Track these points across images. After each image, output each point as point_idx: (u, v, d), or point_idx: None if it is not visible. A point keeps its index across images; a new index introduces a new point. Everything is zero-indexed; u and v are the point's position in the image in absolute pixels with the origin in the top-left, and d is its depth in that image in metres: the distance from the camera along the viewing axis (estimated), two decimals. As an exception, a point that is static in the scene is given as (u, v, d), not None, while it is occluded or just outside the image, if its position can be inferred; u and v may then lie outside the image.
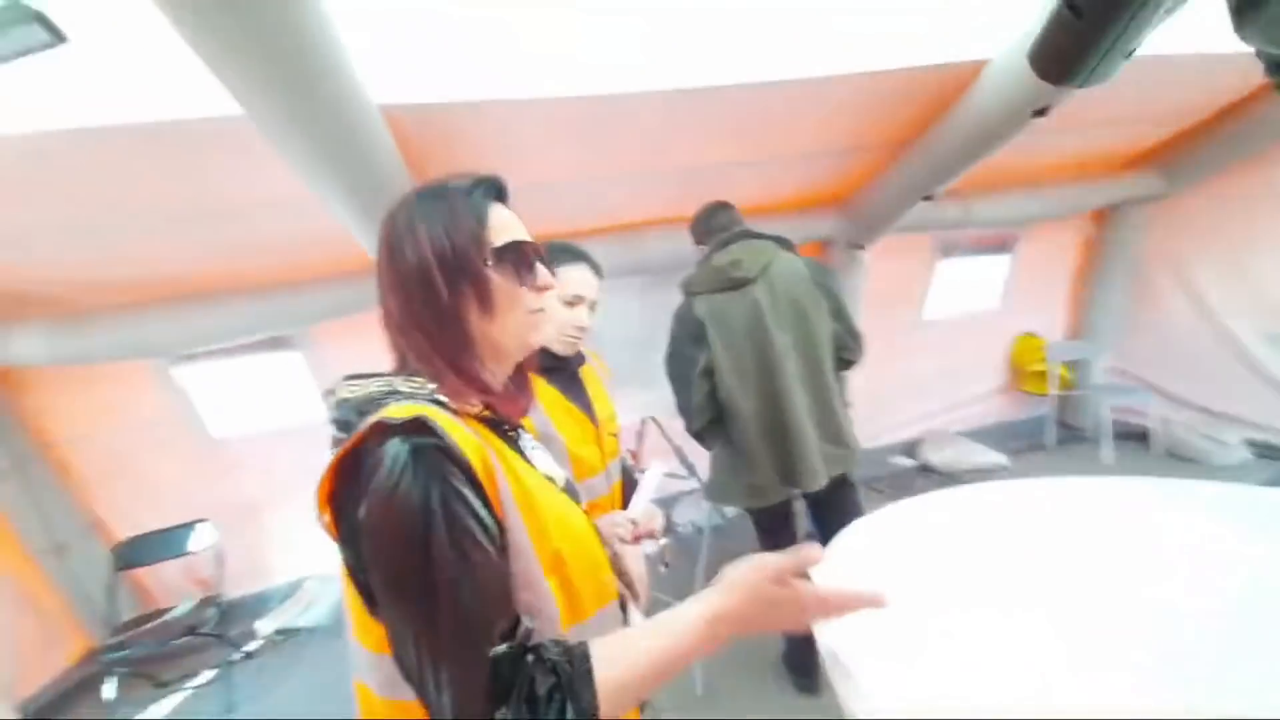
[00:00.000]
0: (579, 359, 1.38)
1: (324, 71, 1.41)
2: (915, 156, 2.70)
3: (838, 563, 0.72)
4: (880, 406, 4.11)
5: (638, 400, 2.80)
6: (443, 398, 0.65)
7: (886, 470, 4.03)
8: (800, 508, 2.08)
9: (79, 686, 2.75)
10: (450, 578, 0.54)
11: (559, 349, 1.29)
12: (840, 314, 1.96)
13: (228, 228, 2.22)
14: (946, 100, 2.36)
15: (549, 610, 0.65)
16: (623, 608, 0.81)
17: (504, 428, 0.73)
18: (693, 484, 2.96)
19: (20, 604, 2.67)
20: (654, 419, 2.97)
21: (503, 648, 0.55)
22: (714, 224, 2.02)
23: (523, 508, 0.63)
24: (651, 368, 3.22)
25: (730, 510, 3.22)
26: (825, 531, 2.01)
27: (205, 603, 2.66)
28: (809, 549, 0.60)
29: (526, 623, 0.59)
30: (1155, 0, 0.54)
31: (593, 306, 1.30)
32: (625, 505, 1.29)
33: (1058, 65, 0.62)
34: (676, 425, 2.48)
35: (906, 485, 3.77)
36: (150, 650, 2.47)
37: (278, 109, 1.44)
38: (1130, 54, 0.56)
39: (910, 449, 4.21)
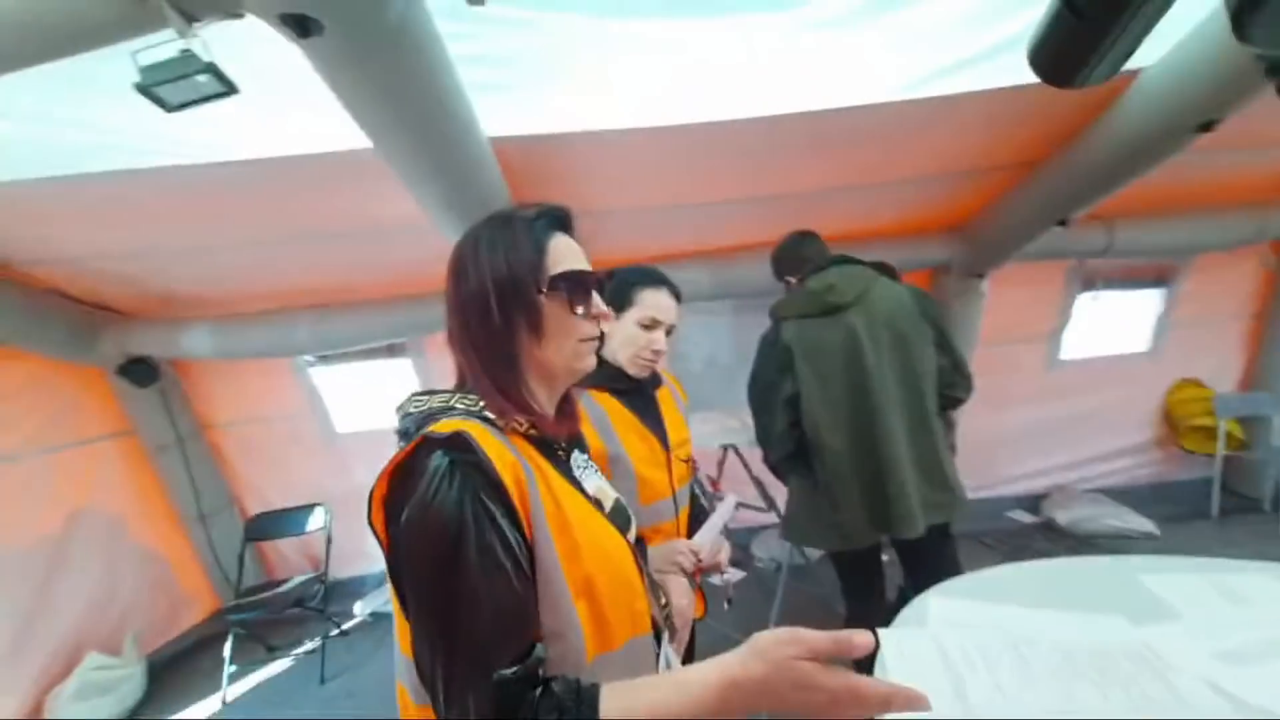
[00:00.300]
0: (655, 381, 1.36)
1: (444, 112, 1.54)
2: (1049, 176, 2.45)
3: (926, 623, 0.63)
4: (998, 453, 3.71)
5: (721, 427, 2.73)
6: (491, 415, 0.67)
7: (1001, 525, 3.61)
8: (890, 554, 1.90)
9: (202, 643, 3.14)
10: (469, 592, 0.56)
11: (633, 371, 1.28)
12: (946, 347, 1.80)
13: (358, 246, 2.48)
14: (1088, 114, 2.12)
15: (573, 636, 0.63)
16: (657, 639, 0.77)
17: (553, 447, 0.74)
18: (772, 517, 2.82)
19: (165, 563, 3.10)
20: (734, 447, 2.88)
21: (510, 672, 0.55)
22: (804, 253, 1.92)
23: (555, 529, 0.63)
24: (738, 394, 3.15)
25: (814, 550, 3.03)
26: (918, 585, 1.81)
27: (314, 580, 2.93)
28: (859, 635, 0.52)
29: (539, 652, 0.58)
30: (1156, 0, 0.48)
31: (670, 331, 1.28)
32: (692, 534, 1.25)
33: (1057, 66, 0.57)
34: (757, 455, 2.39)
35: (1024, 544, 3.34)
36: (264, 617, 2.74)
37: (403, 145, 1.60)
38: (1130, 54, 0.52)
39: (1032, 504, 3.75)
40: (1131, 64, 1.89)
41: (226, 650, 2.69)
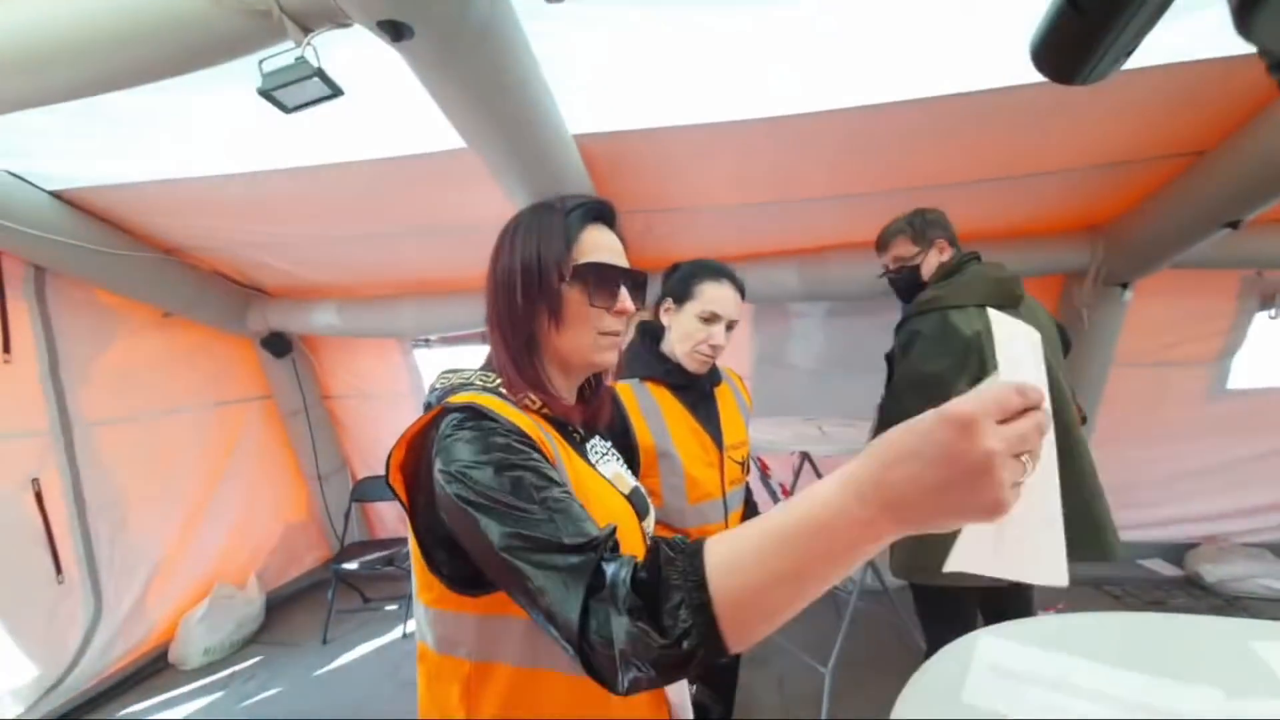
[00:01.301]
0: (714, 377, 1.33)
1: (530, 110, 1.60)
2: (1216, 169, 2.08)
3: (968, 668, 0.55)
4: (1136, 492, 3.21)
5: (796, 433, 2.60)
6: (505, 391, 0.70)
7: (1133, 574, 3.13)
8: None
9: (313, 586, 3.56)
10: (535, 502, 0.54)
11: (691, 365, 1.26)
12: (1067, 371, 1.58)
13: (459, 241, 2.65)
14: (1266, 94, 1.77)
15: None
16: None
17: (568, 429, 0.75)
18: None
19: (288, 515, 3.52)
20: (807, 454, 2.72)
21: (601, 542, 0.51)
22: (949, 228, 1.67)
23: (576, 492, 0.63)
24: (821, 401, 3.00)
25: (889, 579, 2.80)
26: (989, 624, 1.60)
27: (403, 541, 3.19)
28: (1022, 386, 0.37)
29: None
30: None
31: (731, 326, 1.24)
32: None
33: (1058, 62, 0.50)
34: (832, 465, 2.26)
35: (1159, 600, 2.87)
36: (362, 571, 3.03)
37: (493, 143, 1.68)
38: (1131, 52, 0.46)
39: (1176, 554, 3.21)
40: None
41: (330, 595, 3.01)
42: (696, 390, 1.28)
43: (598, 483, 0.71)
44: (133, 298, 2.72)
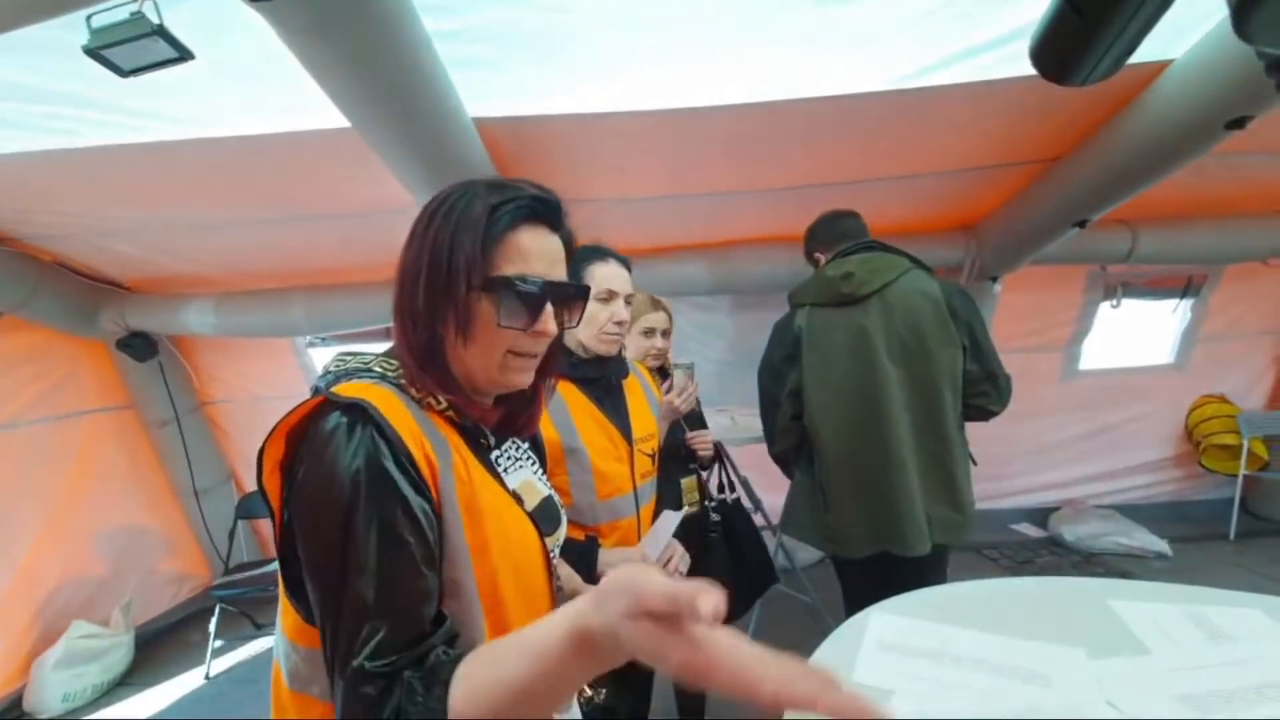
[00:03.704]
0: (621, 369, 1.31)
1: (417, 85, 1.49)
2: (1067, 175, 2.33)
3: (861, 641, 0.56)
4: (1005, 464, 3.59)
5: (718, 423, 2.66)
6: (403, 382, 0.63)
7: (1005, 537, 3.49)
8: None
9: (193, 616, 3.18)
10: (360, 567, 0.51)
11: (602, 349, 1.23)
12: (981, 353, 1.62)
13: (352, 228, 2.46)
14: (1110, 108, 2.01)
15: (475, 631, 0.59)
16: None
17: (474, 433, 0.68)
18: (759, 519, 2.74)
19: (158, 538, 3.14)
20: (719, 444, 2.79)
21: (381, 664, 0.49)
22: (836, 231, 1.77)
23: (466, 515, 0.59)
24: (732, 392, 3.08)
25: (800, 558, 2.94)
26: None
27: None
28: (703, 594, 0.37)
29: (439, 635, 0.53)
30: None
31: (628, 300, 1.24)
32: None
33: (1058, 62, 0.55)
34: (744, 454, 2.32)
35: (1028, 559, 3.22)
36: (253, 594, 2.75)
37: (376, 119, 1.56)
38: (1132, 51, 0.51)
39: (1041, 518, 3.61)
40: (1160, 55, 1.81)
41: (211, 625, 2.71)
42: (603, 384, 1.26)
43: (495, 499, 0.64)
44: (-50, 296, 2.30)
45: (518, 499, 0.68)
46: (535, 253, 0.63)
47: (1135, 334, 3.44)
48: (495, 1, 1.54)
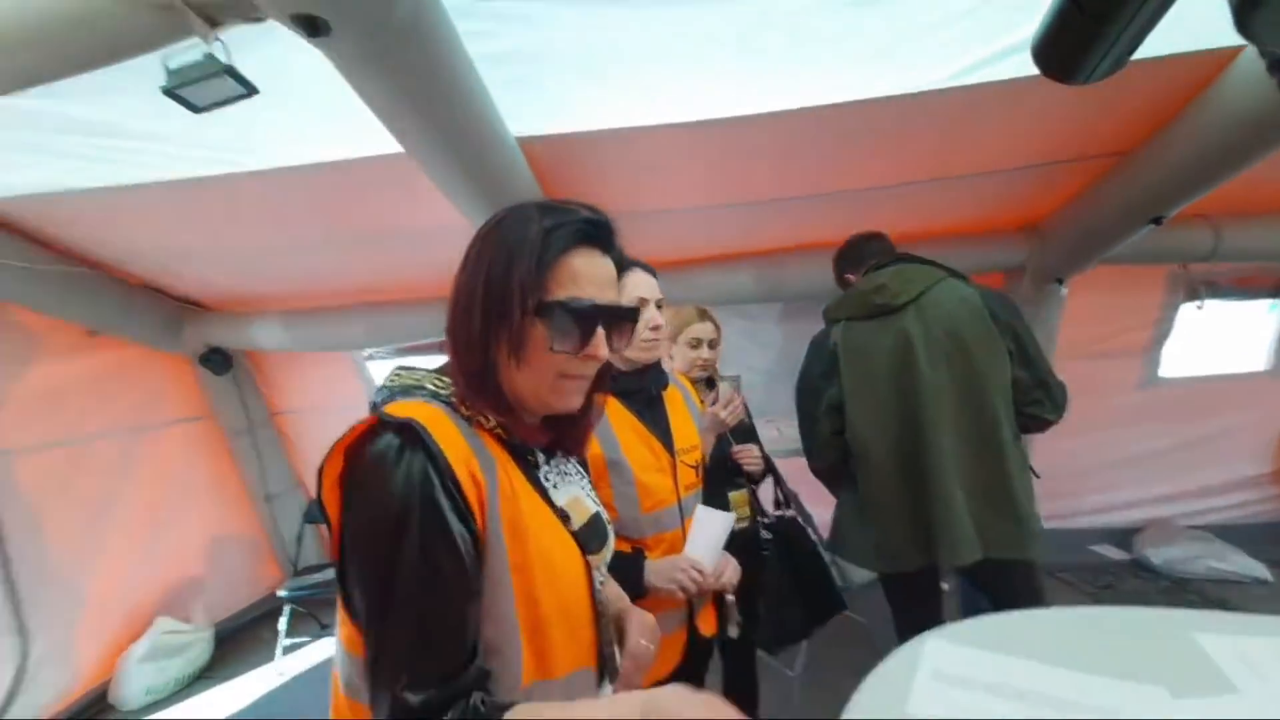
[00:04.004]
0: (661, 380, 1.30)
1: (465, 109, 1.55)
2: (1140, 168, 2.18)
3: (915, 671, 0.54)
4: (1081, 479, 3.35)
5: (764, 435, 2.61)
6: (457, 403, 0.64)
7: (1084, 559, 3.25)
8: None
9: (266, 615, 3.35)
10: (403, 596, 0.54)
11: (640, 356, 1.24)
12: (1028, 359, 1.57)
13: (408, 248, 2.57)
14: (1181, 98, 1.87)
15: (511, 654, 0.60)
16: (601, 677, 0.71)
17: (523, 450, 0.68)
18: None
19: (235, 540, 3.34)
20: (769, 458, 2.73)
21: (417, 698, 0.52)
22: (865, 252, 1.79)
23: (510, 536, 0.60)
24: (779, 402, 3.01)
25: (856, 577, 2.83)
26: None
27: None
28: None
29: (472, 672, 0.55)
30: None
31: (659, 305, 1.26)
32: None
33: (1060, 60, 0.52)
34: (791, 466, 2.26)
35: (1110, 584, 2.98)
36: (319, 594, 2.89)
37: (427, 144, 1.62)
38: (1134, 50, 0.49)
39: (1123, 539, 3.35)
40: (1232, 40, 1.66)
41: (281, 624, 2.86)
42: (643, 396, 1.26)
43: (540, 518, 0.64)
44: (54, 316, 2.53)
45: (565, 516, 0.68)
46: (587, 276, 0.64)
47: (1224, 338, 3.16)
48: (532, 24, 1.58)
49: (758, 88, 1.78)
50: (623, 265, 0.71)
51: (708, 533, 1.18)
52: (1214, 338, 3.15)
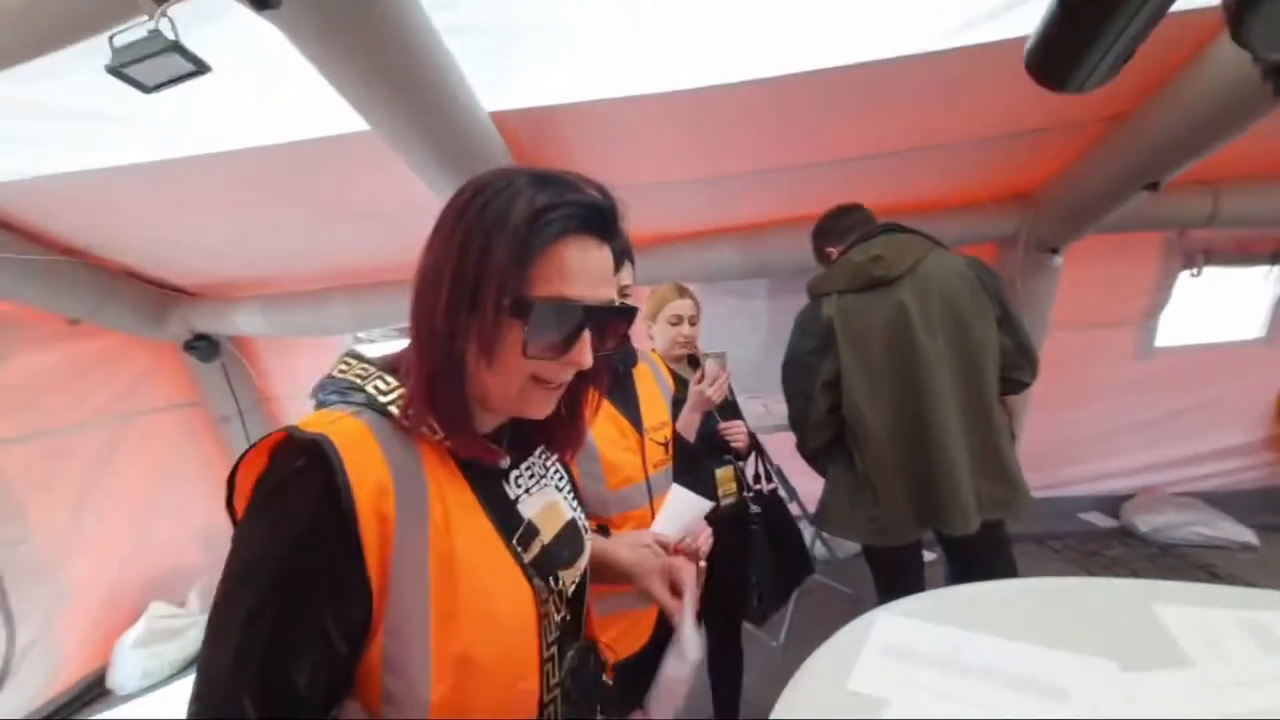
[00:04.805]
0: (630, 358, 1.28)
1: (429, 81, 1.50)
2: (1135, 132, 2.12)
3: (863, 644, 0.53)
4: (1073, 448, 3.35)
5: (751, 411, 2.60)
6: (395, 411, 0.56)
7: (1073, 527, 3.26)
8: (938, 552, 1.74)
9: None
10: (259, 614, 0.48)
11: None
12: (1010, 324, 1.60)
13: (387, 227, 2.52)
14: (1175, 60, 1.81)
15: (414, 710, 0.52)
16: None
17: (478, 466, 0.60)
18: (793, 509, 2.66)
19: (227, 525, 3.34)
20: (754, 434, 2.73)
21: None
22: (846, 223, 1.77)
23: (437, 576, 0.52)
24: (766, 379, 2.99)
25: (842, 549, 2.85)
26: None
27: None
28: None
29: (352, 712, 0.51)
30: (1153, 2, 0.45)
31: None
32: None
33: (1052, 67, 0.50)
34: (777, 442, 2.25)
35: (1097, 550, 3.00)
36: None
37: (392, 118, 1.57)
38: (1129, 56, 0.47)
39: (1113, 506, 3.36)
40: None
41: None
42: (610, 372, 1.23)
43: (485, 554, 0.56)
44: (33, 305, 2.50)
45: (530, 533, 0.61)
46: (577, 272, 0.54)
47: (1220, 306, 3.12)
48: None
49: (740, 54, 1.72)
50: (624, 255, 0.62)
51: (679, 513, 1.17)
52: (1210, 306, 3.11)
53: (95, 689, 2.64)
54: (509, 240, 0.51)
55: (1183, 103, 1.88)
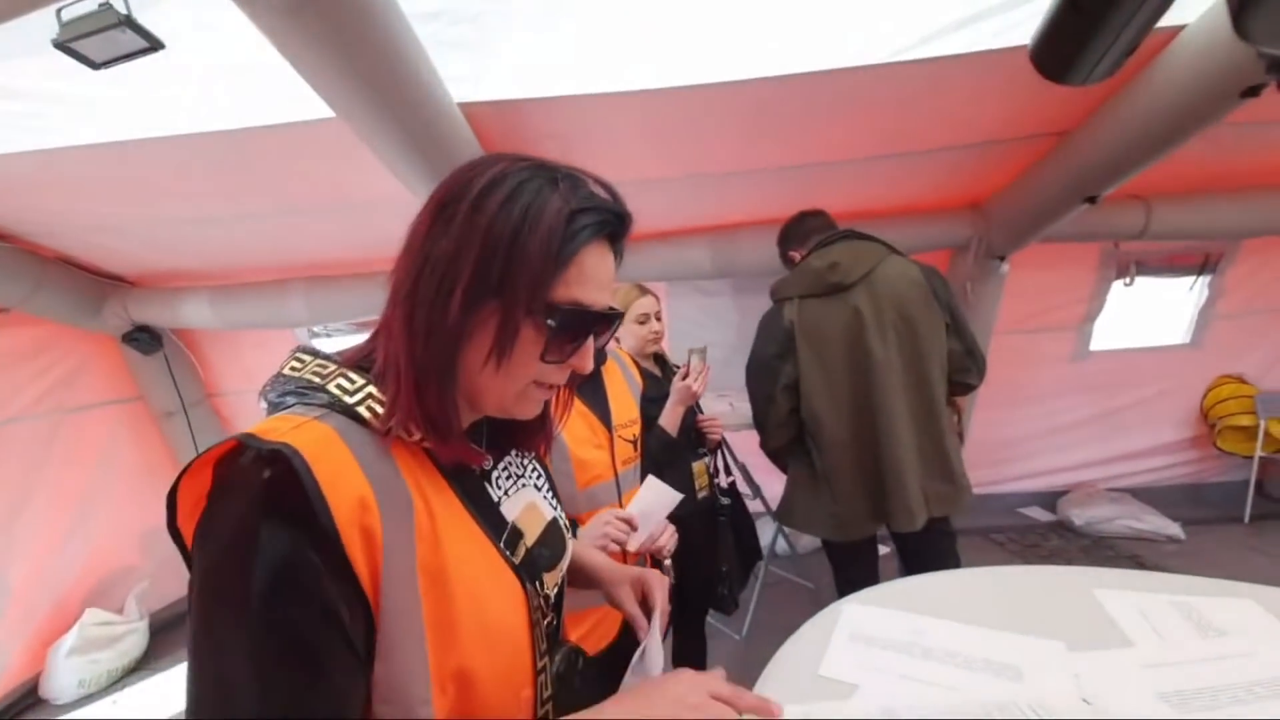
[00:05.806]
0: (599, 355, 1.29)
1: (399, 70, 1.46)
2: (1076, 148, 2.24)
3: (833, 631, 0.55)
4: (1014, 446, 3.54)
5: (709, 408, 2.64)
6: (365, 412, 0.50)
7: (1013, 521, 3.44)
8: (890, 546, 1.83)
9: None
10: (255, 660, 0.41)
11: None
12: (959, 330, 1.69)
13: (347, 219, 2.45)
14: (1120, 77, 1.91)
15: None
16: None
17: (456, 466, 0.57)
18: (757, 505, 2.72)
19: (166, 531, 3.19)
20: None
21: None
22: (807, 228, 1.83)
23: (428, 588, 0.48)
24: (731, 377, 3.04)
25: (802, 544, 2.93)
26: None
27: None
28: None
29: None
30: None
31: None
32: None
33: (1056, 62, 0.53)
34: (741, 440, 2.30)
35: (1035, 543, 3.18)
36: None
37: (357, 104, 1.52)
38: (1133, 50, 0.51)
39: (1050, 501, 3.56)
40: (1172, 21, 1.72)
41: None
42: (583, 371, 1.24)
43: (476, 559, 0.53)
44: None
45: (515, 536, 0.59)
46: (595, 277, 0.53)
47: (1150, 313, 3.35)
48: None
49: (715, 55, 1.75)
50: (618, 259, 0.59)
51: (651, 503, 1.18)
52: (1140, 313, 3.33)
53: (29, 698, 2.49)
54: (544, 239, 0.49)
55: (1120, 121, 2.01)
